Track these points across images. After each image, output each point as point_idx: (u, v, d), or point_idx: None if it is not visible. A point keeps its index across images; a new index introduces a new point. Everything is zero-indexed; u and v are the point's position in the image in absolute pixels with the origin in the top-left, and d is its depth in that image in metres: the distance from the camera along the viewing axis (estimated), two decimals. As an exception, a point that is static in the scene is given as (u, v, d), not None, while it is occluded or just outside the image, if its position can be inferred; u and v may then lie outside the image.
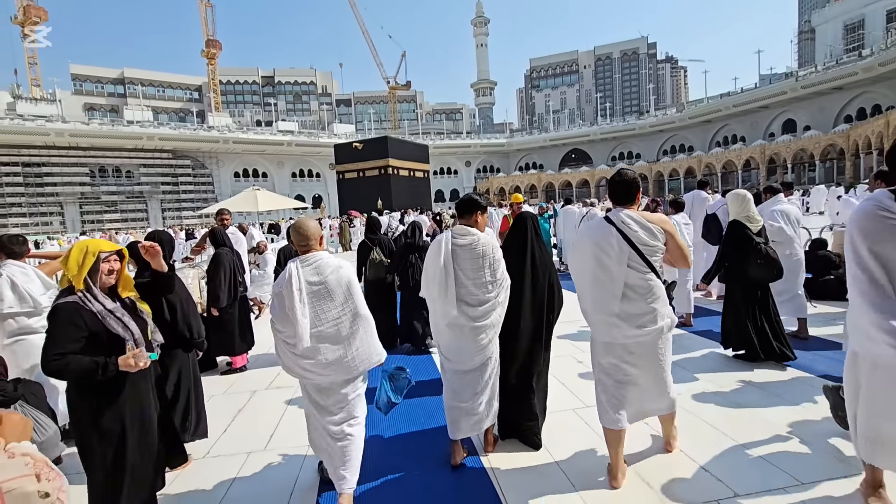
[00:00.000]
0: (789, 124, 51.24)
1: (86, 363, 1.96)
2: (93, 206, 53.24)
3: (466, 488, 2.67)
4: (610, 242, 2.49)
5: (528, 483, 2.64)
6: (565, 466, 2.79)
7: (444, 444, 3.00)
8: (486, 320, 2.75)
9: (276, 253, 7.18)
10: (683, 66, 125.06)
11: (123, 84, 75.42)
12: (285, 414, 3.84)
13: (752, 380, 3.89)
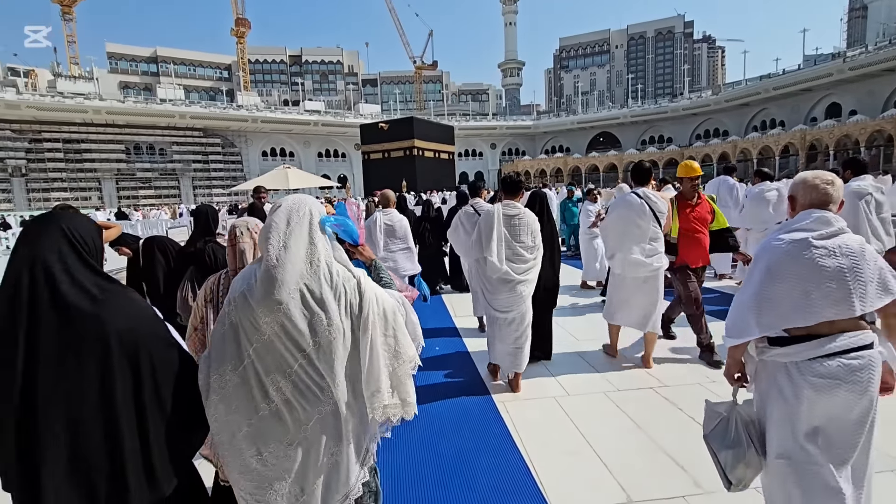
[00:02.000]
0: (833, 108, 48.66)
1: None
2: (128, 183, 55.01)
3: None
4: (643, 208, 3.92)
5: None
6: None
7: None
8: (527, 276, 3.57)
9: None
10: (721, 47, 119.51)
11: (157, 63, 76.80)
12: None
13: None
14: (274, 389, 1.36)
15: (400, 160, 39.12)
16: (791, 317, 1.74)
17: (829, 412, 1.70)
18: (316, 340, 1.36)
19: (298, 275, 1.35)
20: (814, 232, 1.76)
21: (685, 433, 2.97)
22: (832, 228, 1.76)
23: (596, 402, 3.46)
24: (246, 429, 1.37)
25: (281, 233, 1.37)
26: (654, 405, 3.38)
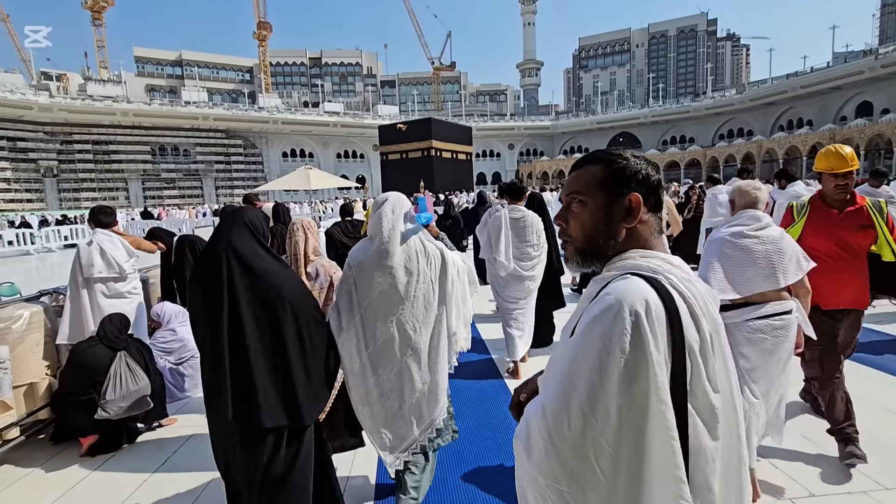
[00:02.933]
0: (864, 107, 47.09)
1: None
2: (154, 183, 56.52)
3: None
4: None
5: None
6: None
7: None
8: (532, 272, 3.96)
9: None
10: (746, 44, 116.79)
11: (181, 66, 78.71)
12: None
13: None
14: (382, 330, 1.94)
15: (418, 161, 39.23)
16: (734, 289, 2.31)
17: (761, 359, 2.31)
18: (413, 294, 1.96)
19: (402, 248, 1.97)
20: (747, 226, 2.36)
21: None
22: (760, 223, 2.36)
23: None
24: (365, 356, 1.96)
25: (389, 219, 1.98)
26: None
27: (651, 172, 0.99)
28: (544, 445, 0.79)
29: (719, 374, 0.81)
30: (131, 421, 3.13)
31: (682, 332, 0.78)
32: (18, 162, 48.98)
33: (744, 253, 2.31)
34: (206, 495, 2.61)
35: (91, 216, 3.80)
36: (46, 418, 3.28)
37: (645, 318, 0.76)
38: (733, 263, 2.32)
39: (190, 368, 3.80)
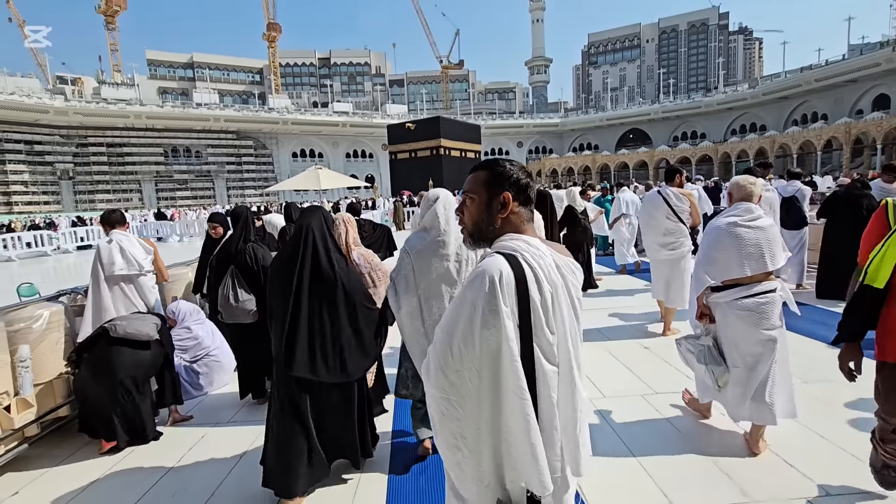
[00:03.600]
0: (882, 100, 46.08)
1: None
2: (166, 185, 57.27)
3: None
4: (658, 204, 4.77)
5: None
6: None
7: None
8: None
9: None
10: (759, 38, 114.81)
11: (193, 68, 79.61)
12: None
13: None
14: (437, 306, 2.31)
15: (426, 160, 39.25)
16: (728, 271, 2.68)
17: (745, 329, 2.64)
18: (463, 277, 2.28)
19: (455, 238, 2.33)
20: (741, 217, 2.71)
21: (730, 440, 2.87)
22: (753, 214, 2.70)
23: (633, 405, 3.38)
24: (422, 328, 2.34)
25: (443, 214, 2.36)
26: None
27: (521, 176, 1.26)
28: (435, 371, 1.15)
29: (557, 321, 1.16)
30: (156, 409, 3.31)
31: (528, 292, 1.11)
32: (35, 165, 49.96)
33: (737, 240, 2.64)
34: (220, 492, 2.65)
35: (105, 219, 3.88)
36: (66, 415, 3.35)
37: (497, 284, 1.09)
38: (727, 249, 2.66)
39: (205, 367, 3.85)
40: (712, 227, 2.78)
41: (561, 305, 1.17)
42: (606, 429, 3.07)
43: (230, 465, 2.88)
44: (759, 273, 2.62)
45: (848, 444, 2.73)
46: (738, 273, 2.64)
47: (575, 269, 1.25)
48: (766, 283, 2.64)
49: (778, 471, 2.53)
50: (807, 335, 4.65)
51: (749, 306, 2.62)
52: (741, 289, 2.65)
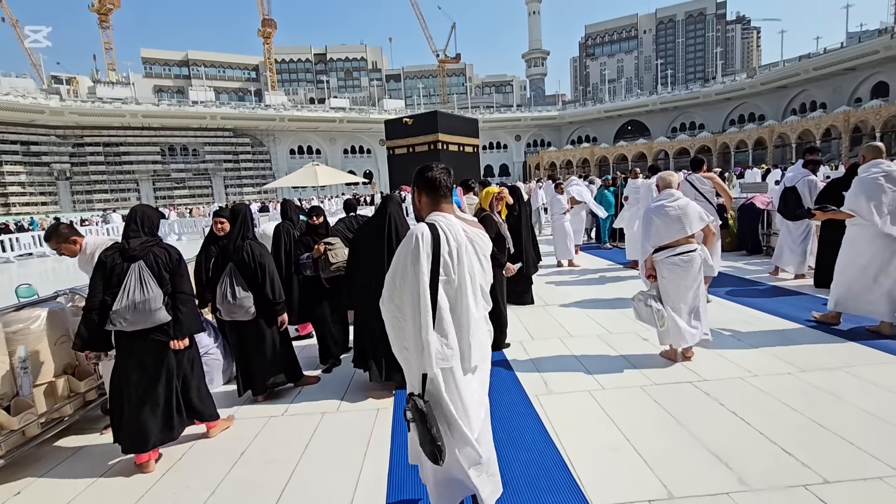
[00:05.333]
0: (880, 88, 45.92)
1: None
2: (164, 183, 57.11)
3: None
4: (687, 190, 5.51)
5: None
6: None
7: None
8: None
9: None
10: (756, 27, 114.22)
11: (188, 66, 79.16)
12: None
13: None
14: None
15: (424, 154, 38.92)
16: (660, 238, 3.78)
17: (676, 279, 3.74)
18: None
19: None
20: (666, 200, 3.83)
21: (728, 428, 2.87)
22: (674, 197, 3.82)
23: (632, 397, 3.39)
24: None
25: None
26: (693, 400, 3.28)
27: (430, 177, 1.97)
28: (387, 299, 1.90)
29: (458, 268, 1.84)
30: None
31: (439, 247, 1.80)
32: (32, 165, 49.77)
33: (664, 216, 3.78)
34: (221, 490, 2.66)
35: (51, 236, 3.41)
36: (67, 415, 3.36)
37: (420, 239, 1.79)
38: (658, 223, 3.80)
39: (206, 365, 3.84)
40: (648, 209, 3.94)
41: (461, 255, 1.85)
42: (605, 420, 3.08)
43: (231, 461, 2.89)
44: (681, 237, 3.74)
45: (846, 432, 2.74)
46: (667, 239, 3.76)
47: (482, 237, 2.01)
48: (687, 244, 3.74)
49: (779, 459, 2.54)
50: (799, 322, 4.66)
51: (676, 262, 3.74)
52: (670, 250, 3.76)
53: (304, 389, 3.95)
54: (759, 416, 2.98)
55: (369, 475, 2.68)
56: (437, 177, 1.95)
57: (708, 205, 5.57)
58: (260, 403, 3.74)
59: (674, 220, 3.72)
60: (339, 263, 4.23)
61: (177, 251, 3.06)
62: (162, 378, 2.92)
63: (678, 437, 2.82)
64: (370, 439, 3.06)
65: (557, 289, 6.94)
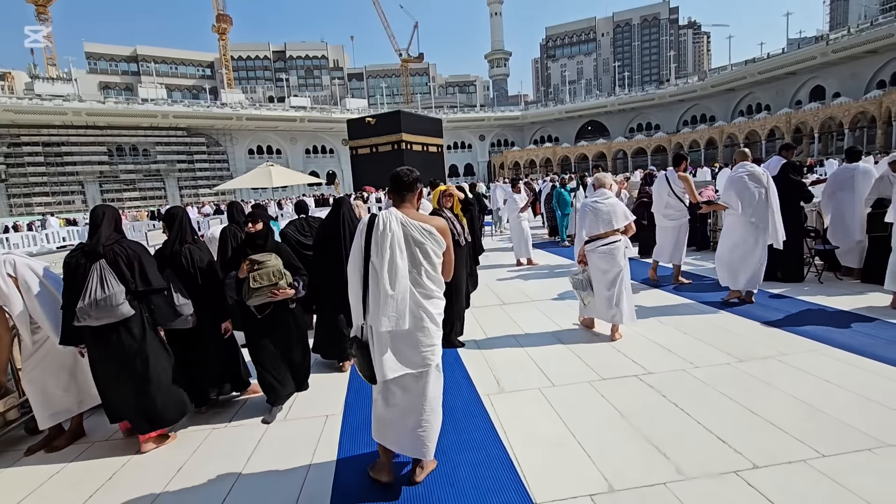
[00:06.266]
0: (818, 91, 49.05)
1: None
2: (112, 185, 54.14)
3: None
4: (663, 185, 6.18)
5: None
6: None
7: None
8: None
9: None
10: (706, 32, 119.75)
11: (137, 62, 75.33)
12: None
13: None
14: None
15: (388, 154, 38.72)
16: (592, 230, 4.38)
17: (603, 265, 4.34)
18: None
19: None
20: (598, 198, 4.43)
21: (668, 419, 2.96)
22: (605, 196, 4.41)
23: (581, 393, 3.44)
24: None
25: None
26: (638, 393, 3.37)
27: (396, 177, 2.46)
28: (348, 269, 2.44)
29: (382, 249, 2.25)
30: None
31: (372, 231, 2.29)
32: (-38, 167, 46.14)
33: (596, 212, 4.39)
34: (161, 499, 2.51)
35: None
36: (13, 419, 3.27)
37: (364, 226, 2.35)
38: (590, 217, 4.41)
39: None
40: (583, 205, 4.59)
41: (386, 240, 2.25)
42: (554, 416, 3.11)
43: (167, 477, 2.74)
44: (609, 230, 4.33)
45: (777, 418, 2.87)
46: (597, 231, 4.37)
47: (427, 228, 2.36)
48: (613, 236, 4.33)
49: (714, 447, 2.63)
50: (744, 316, 4.87)
51: (603, 251, 4.35)
52: (599, 241, 4.36)
53: (253, 399, 3.80)
54: (699, 406, 3.09)
55: (315, 483, 2.60)
56: (397, 176, 2.45)
57: (678, 202, 6.02)
58: (204, 415, 3.57)
59: (604, 215, 4.33)
60: (265, 289, 3.29)
61: (140, 246, 3.17)
62: (133, 373, 3.02)
63: (622, 431, 2.88)
64: (316, 448, 2.98)
65: (514, 287, 7.00)
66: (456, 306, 4.59)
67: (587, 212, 4.40)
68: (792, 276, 5.94)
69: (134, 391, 3.03)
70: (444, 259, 2.44)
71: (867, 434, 2.62)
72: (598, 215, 4.33)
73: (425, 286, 2.37)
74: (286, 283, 3.35)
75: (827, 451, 2.49)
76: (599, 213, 4.33)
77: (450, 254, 2.47)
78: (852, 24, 50.48)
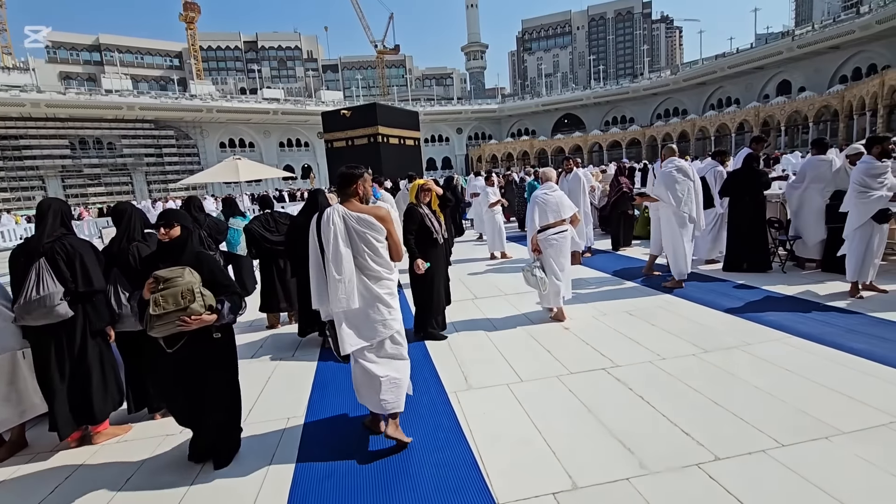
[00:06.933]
0: (784, 85, 50.47)
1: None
2: (75, 180, 51.90)
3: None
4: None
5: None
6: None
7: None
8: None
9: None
10: (679, 27, 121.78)
11: (100, 51, 72.19)
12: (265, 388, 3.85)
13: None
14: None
15: (364, 147, 38.05)
16: (542, 220, 4.72)
17: (553, 253, 4.70)
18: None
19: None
20: (546, 190, 4.82)
21: (634, 412, 2.96)
22: (552, 188, 4.85)
23: (548, 387, 3.42)
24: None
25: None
26: (605, 387, 3.36)
27: (341, 174, 2.73)
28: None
29: (327, 240, 2.59)
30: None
31: (320, 222, 2.69)
32: (-90, 161, 43.51)
33: (544, 203, 4.75)
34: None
35: None
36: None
37: (315, 220, 2.84)
38: (540, 208, 4.75)
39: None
40: (533, 197, 4.87)
41: (329, 232, 2.57)
42: (520, 413, 3.07)
43: (125, 479, 2.59)
44: (557, 220, 4.72)
45: (739, 408, 2.89)
46: (545, 221, 4.72)
47: (363, 219, 2.63)
48: (561, 226, 4.75)
49: (678, 440, 2.62)
50: (707, 305, 4.94)
51: (553, 239, 4.73)
52: (549, 230, 4.72)
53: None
54: (664, 398, 3.10)
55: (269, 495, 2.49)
56: (339, 176, 2.75)
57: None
58: (158, 420, 3.41)
59: (552, 206, 4.71)
60: (171, 314, 2.41)
61: (84, 245, 3.03)
62: (73, 375, 2.94)
63: (588, 426, 2.86)
64: (274, 453, 2.86)
65: (487, 280, 6.97)
66: (434, 301, 4.55)
67: (537, 203, 4.75)
68: (758, 267, 6.06)
69: (72, 392, 2.97)
70: (389, 243, 2.73)
71: (824, 422, 2.66)
72: (547, 206, 4.70)
73: (371, 269, 2.66)
74: (201, 307, 2.46)
75: (786, 441, 2.52)
76: (549, 204, 4.70)
77: (393, 237, 2.74)
78: (816, 20, 52.03)
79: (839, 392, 3.00)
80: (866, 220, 4.68)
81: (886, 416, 2.68)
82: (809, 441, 2.51)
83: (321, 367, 4.15)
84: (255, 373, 4.11)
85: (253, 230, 5.02)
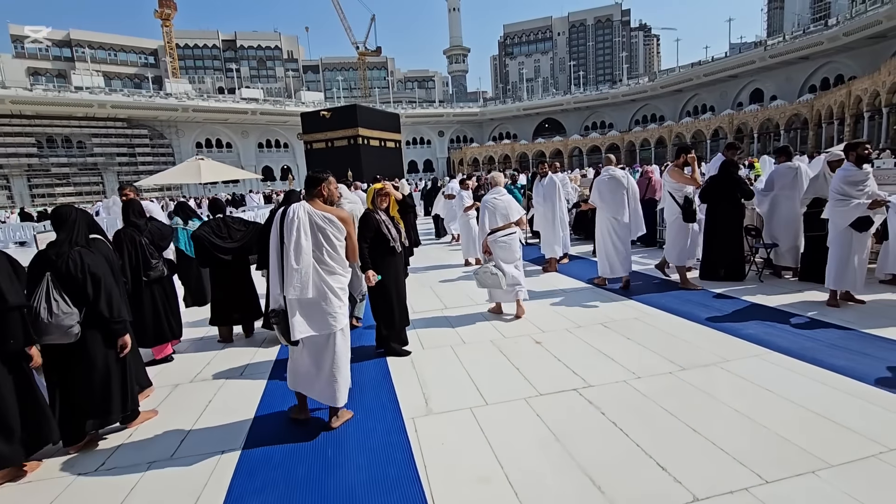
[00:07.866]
0: (757, 94, 51.79)
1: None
2: (42, 179, 49.98)
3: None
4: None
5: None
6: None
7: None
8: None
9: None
10: (656, 35, 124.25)
11: (70, 47, 69.80)
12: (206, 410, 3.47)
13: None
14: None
15: (344, 149, 37.59)
16: (492, 224, 4.98)
17: (504, 254, 4.97)
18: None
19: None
20: (495, 195, 5.07)
21: (606, 442, 2.69)
22: (501, 193, 5.10)
23: (515, 412, 3.13)
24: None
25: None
26: (576, 410, 3.09)
27: (308, 177, 3.02)
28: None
29: (290, 232, 2.77)
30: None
31: (283, 219, 2.89)
32: None
33: (493, 207, 4.97)
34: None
35: None
36: None
37: (280, 213, 2.94)
38: (490, 212, 4.95)
39: None
40: (483, 202, 5.07)
41: (293, 225, 2.76)
42: (482, 443, 2.78)
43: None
44: (506, 223, 4.96)
45: (719, 437, 2.65)
46: (496, 224, 4.95)
47: (326, 217, 2.88)
48: (510, 228, 4.98)
49: (652, 476, 2.36)
50: (684, 317, 4.75)
51: (503, 240, 4.96)
52: (500, 232, 4.94)
53: (139, 429, 3.26)
54: (639, 425, 2.84)
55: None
56: (306, 178, 3.03)
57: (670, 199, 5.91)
58: (71, 455, 3.00)
59: (501, 209, 4.96)
60: None
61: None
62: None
63: (555, 458, 2.58)
64: (204, 488, 2.50)
65: (459, 289, 6.68)
66: (395, 314, 4.20)
67: (487, 208, 4.96)
68: (734, 275, 5.92)
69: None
70: (347, 244, 2.98)
71: (810, 453, 2.44)
72: (496, 210, 4.94)
73: (328, 264, 2.88)
74: None
75: (770, 476, 2.28)
76: (497, 209, 4.95)
77: (351, 239, 3.01)
78: (787, 31, 53.55)
79: (823, 416, 2.79)
80: (844, 228, 4.57)
81: (875, 446, 2.47)
82: (795, 476, 2.28)
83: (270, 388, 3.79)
84: (199, 394, 3.72)
85: (202, 237, 4.62)
